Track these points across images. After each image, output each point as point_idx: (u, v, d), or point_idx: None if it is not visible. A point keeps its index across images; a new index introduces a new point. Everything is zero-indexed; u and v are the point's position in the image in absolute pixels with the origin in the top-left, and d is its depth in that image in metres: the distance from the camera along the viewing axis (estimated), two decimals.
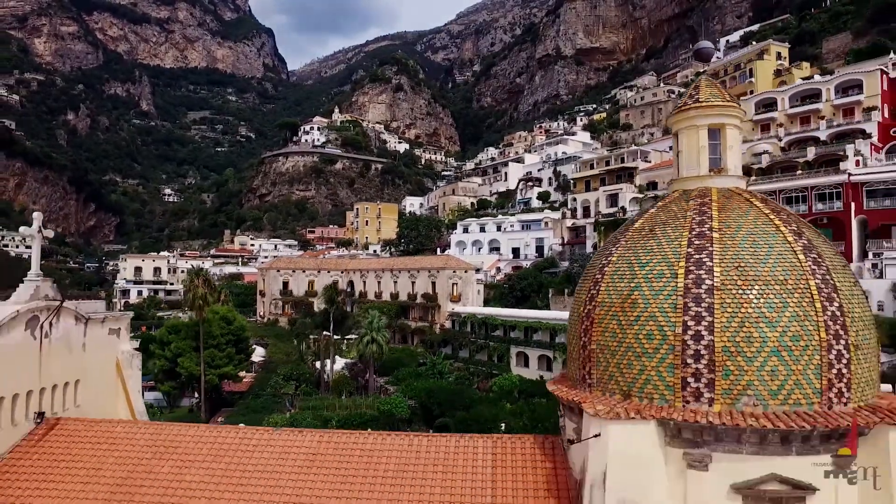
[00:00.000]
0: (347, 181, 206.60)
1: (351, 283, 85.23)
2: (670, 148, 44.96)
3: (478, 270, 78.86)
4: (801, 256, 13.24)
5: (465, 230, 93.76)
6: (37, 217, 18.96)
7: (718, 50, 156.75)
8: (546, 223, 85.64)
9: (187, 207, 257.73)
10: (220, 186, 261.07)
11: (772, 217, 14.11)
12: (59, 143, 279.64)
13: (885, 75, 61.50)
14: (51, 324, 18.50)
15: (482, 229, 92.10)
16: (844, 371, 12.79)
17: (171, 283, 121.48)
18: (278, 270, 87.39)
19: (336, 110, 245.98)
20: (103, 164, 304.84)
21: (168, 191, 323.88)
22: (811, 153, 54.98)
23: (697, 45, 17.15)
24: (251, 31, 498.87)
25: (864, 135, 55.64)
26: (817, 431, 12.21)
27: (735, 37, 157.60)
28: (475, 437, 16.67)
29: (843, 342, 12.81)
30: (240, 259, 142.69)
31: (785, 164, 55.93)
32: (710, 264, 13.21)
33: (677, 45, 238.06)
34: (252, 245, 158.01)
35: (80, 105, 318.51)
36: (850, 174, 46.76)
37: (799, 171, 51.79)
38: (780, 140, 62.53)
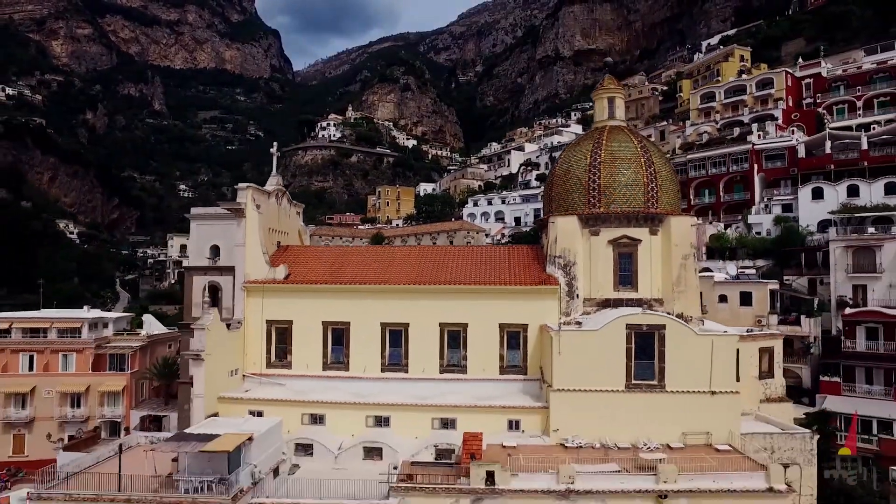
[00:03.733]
0: (362, 173, 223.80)
1: None
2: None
3: (487, 235, 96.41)
4: (639, 149, 31.02)
5: (475, 204, 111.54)
6: (274, 147, 36.64)
7: (701, 52, 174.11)
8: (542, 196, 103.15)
9: (206, 201, 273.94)
10: (239, 180, 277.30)
11: (630, 135, 32.00)
12: (81, 141, 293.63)
13: (789, 75, 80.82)
14: (280, 200, 36.17)
15: (489, 203, 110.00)
16: (655, 196, 30.51)
17: None
18: (320, 237, 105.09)
19: (350, 108, 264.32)
20: (122, 161, 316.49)
21: (183, 186, 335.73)
22: (736, 132, 73.54)
23: (605, 59, 35.07)
24: (258, 32, 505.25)
25: (773, 118, 74.11)
26: (641, 216, 30.10)
27: (715, 40, 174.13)
28: (499, 246, 34.50)
29: (654, 184, 30.58)
30: None
31: (718, 140, 73.85)
32: (600, 152, 30.94)
33: (668, 47, 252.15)
34: None
35: (98, 105, 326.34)
36: (753, 144, 65.02)
37: (724, 145, 69.90)
38: (717, 123, 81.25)
